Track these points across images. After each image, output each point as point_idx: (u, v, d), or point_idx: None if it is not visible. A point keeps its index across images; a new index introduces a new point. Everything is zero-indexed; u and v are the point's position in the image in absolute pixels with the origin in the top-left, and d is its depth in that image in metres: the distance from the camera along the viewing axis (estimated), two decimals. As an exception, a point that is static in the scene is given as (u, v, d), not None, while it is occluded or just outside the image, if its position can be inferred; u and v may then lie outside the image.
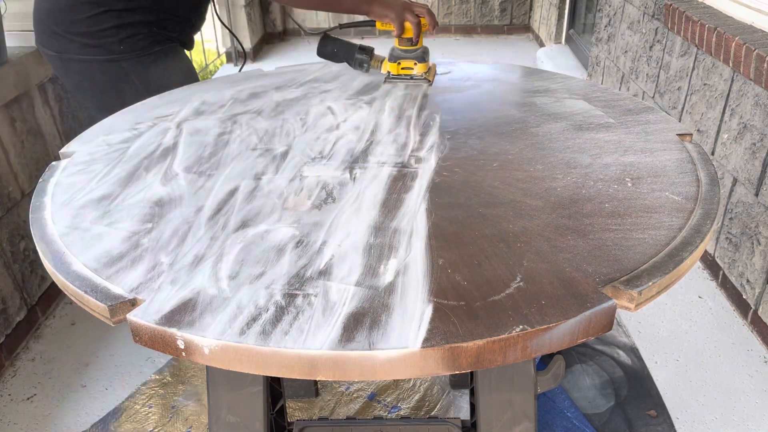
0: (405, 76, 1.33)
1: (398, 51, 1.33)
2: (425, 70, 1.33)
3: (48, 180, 0.98)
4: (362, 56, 1.37)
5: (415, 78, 1.32)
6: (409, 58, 1.32)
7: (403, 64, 1.32)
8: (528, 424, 0.99)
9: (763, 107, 1.75)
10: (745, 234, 1.87)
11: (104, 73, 1.45)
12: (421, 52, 1.32)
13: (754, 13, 1.93)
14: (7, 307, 1.78)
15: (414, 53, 1.32)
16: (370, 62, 1.37)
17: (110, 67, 1.44)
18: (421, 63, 1.32)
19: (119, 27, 1.40)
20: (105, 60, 1.43)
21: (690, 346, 1.80)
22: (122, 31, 1.40)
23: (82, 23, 1.39)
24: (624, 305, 0.69)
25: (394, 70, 1.33)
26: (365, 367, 0.62)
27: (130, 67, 1.44)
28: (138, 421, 1.57)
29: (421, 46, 1.33)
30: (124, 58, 1.43)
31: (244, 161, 1.02)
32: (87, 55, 1.42)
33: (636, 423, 1.53)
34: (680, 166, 0.96)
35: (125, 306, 0.69)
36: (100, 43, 1.41)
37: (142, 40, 1.43)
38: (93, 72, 1.45)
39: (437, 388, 1.64)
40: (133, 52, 1.43)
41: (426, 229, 0.81)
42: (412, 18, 1.29)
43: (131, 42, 1.42)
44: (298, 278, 0.72)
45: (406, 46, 1.32)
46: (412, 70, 1.32)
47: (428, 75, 1.33)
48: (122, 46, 1.41)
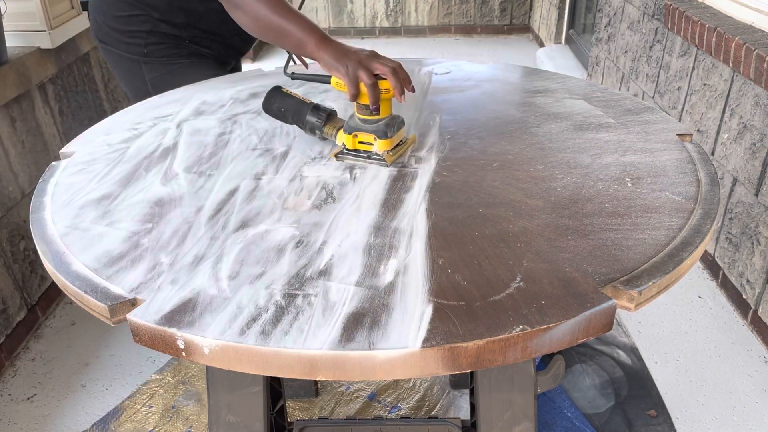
0: (362, 153, 1.02)
1: (356, 119, 1.02)
2: (388, 147, 1.01)
3: (48, 180, 0.98)
4: (314, 119, 1.06)
5: (372, 157, 1.01)
6: (367, 131, 1.00)
7: (360, 137, 1.01)
8: (528, 424, 0.99)
9: (763, 107, 1.75)
10: (745, 234, 1.87)
11: (126, 70, 1.52)
12: (384, 124, 1.00)
13: (754, 13, 1.93)
14: (7, 307, 1.78)
15: (374, 125, 1.00)
16: (323, 128, 1.07)
17: (131, 66, 1.49)
18: (382, 139, 1.00)
19: (149, 33, 1.45)
20: (128, 58, 1.48)
21: (690, 346, 1.80)
22: (150, 37, 1.45)
23: (119, 20, 1.45)
24: (624, 305, 0.69)
25: (349, 144, 1.02)
26: (365, 367, 0.62)
27: (148, 71, 1.49)
28: (138, 421, 1.57)
29: (387, 116, 1.01)
30: (145, 61, 1.48)
31: (244, 161, 1.02)
32: (116, 49, 1.49)
33: (636, 423, 1.53)
34: (680, 166, 0.96)
35: (125, 306, 0.69)
36: (128, 42, 1.46)
37: (168, 50, 1.48)
38: (119, 65, 1.52)
39: (437, 388, 1.64)
40: (154, 58, 1.48)
41: (426, 229, 0.81)
42: (367, 79, 0.96)
43: (156, 49, 1.47)
44: (298, 278, 0.72)
45: (365, 115, 1.01)
46: (371, 146, 1.01)
47: (391, 154, 1.01)
48: (146, 50, 1.46)
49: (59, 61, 2.07)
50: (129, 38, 1.45)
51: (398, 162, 1.01)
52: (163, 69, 1.49)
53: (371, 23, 5.08)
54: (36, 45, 1.94)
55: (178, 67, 1.49)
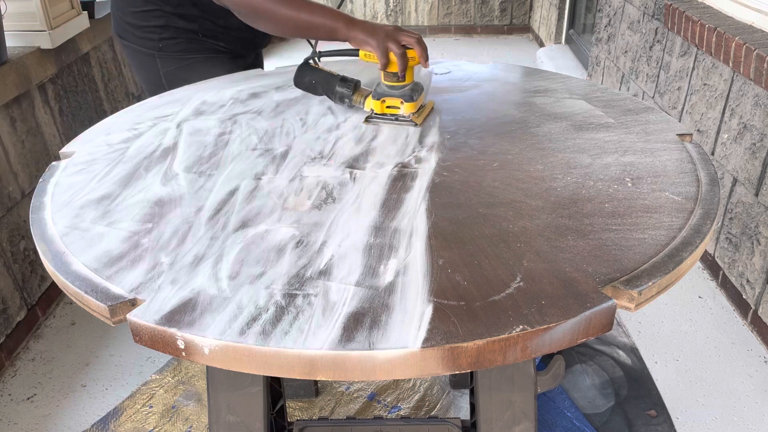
0: (389, 116, 1.15)
1: (383, 86, 1.15)
2: (413, 110, 1.14)
3: (48, 180, 0.98)
4: (343, 89, 1.18)
5: (400, 119, 1.14)
6: (395, 96, 1.13)
7: (388, 102, 1.14)
8: (528, 424, 0.99)
9: (763, 107, 1.75)
10: (745, 234, 1.87)
11: (141, 64, 1.54)
12: (410, 89, 1.13)
13: (754, 13, 1.93)
14: (7, 307, 1.78)
15: (401, 90, 1.13)
16: (352, 97, 1.18)
17: (146, 60, 1.52)
18: (409, 102, 1.13)
19: (163, 27, 1.46)
20: (144, 52, 1.50)
21: (690, 346, 1.80)
22: (165, 32, 1.47)
23: (134, 15, 1.47)
24: (624, 305, 0.69)
25: (378, 109, 1.15)
26: (365, 367, 0.62)
27: (163, 65, 1.51)
28: (138, 421, 1.57)
29: (411, 82, 1.15)
30: (159, 56, 1.50)
31: (244, 161, 1.02)
32: (132, 43, 1.51)
33: (636, 423, 1.53)
34: (680, 166, 0.96)
35: (125, 306, 0.69)
36: (143, 36, 1.48)
37: (182, 44, 1.49)
38: (136, 59, 1.55)
39: (437, 388, 1.64)
40: (168, 53, 1.49)
41: (426, 229, 0.81)
42: (397, 49, 1.10)
43: (170, 44, 1.48)
44: (298, 278, 0.72)
45: (392, 82, 1.13)
46: (397, 110, 1.14)
47: (417, 116, 1.15)
48: (161, 44, 1.48)
49: (59, 61, 2.07)
50: (144, 33, 1.48)
51: (398, 162, 1.01)
52: (177, 64, 1.50)
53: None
54: (36, 45, 1.94)
55: (191, 62, 1.51)
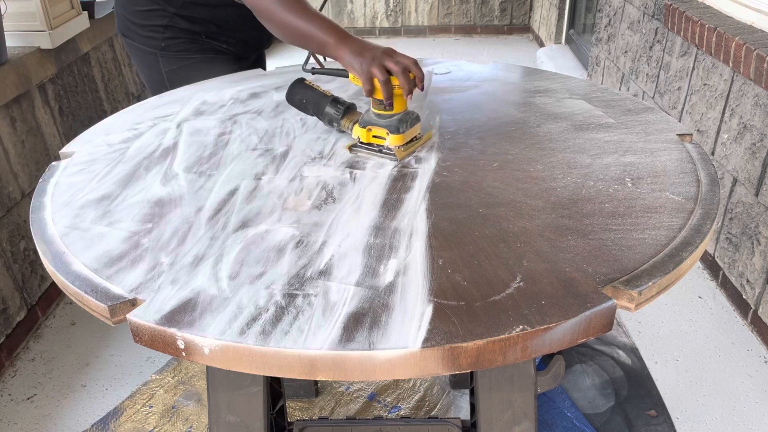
0: (373, 147, 1.05)
1: (371, 114, 1.05)
2: (399, 143, 1.03)
3: (48, 180, 0.98)
4: (333, 111, 1.10)
5: (384, 151, 1.04)
6: (381, 126, 1.03)
7: (374, 131, 1.04)
8: (528, 424, 0.99)
9: (763, 107, 1.75)
10: (745, 234, 1.87)
11: (144, 63, 1.55)
12: (397, 120, 1.02)
13: (754, 13, 1.93)
14: (7, 307, 1.78)
15: (387, 120, 1.03)
16: (340, 121, 1.10)
17: (149, 59, 1.52)
18: (394, 134, 1.02)
19: (166, 27, 1.47)
20: (147, 51, 1.51)
21: (690, 346, 1.80)
22: (167, 32, 1.48)
23: (138, 14, 1.48)
24: (624, 305, 0.69)
25: (364, 137, 1.05)
26: (365, 367, 0.62)
27: (165, 65, 1.51)
28: (138, 421, 1.57)
29: (401, 112, 1.04)
30: (162, 55, 1.50)
31: (244, 161, 1.02)
32: (135, 42, 1.52)
33: (636, 423, 1.53)
34: (680, 166, 0.96)
35: (125, 306, 0.69)
36: (147, 35, 1.49)
37: (184, 44, 1.50)
38: (139, 58, 1.56)
39: (437, 388, 1.64)
40: (171, 52, 1.50)
41: (426, 229, 0.81)
42: (380, 75, 0.99)
43: (172, 43, 1.49)
44: (298, 278, 0.72)
45: (379, 110, 1.04)
46: (383, 140, 1.04)
47: (402, 149, 1.04)
48: (163, 44, 1.49)
49: (59, 61, 2.07)
50: (147, 32, 1.48)
51: (401, 161, 1.01)
52: (178, 63, 1.51)
53: (371, 23, 5.08)
54: (36, 45, 1.94)
55: (193, 61, 1.52)
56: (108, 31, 2.45)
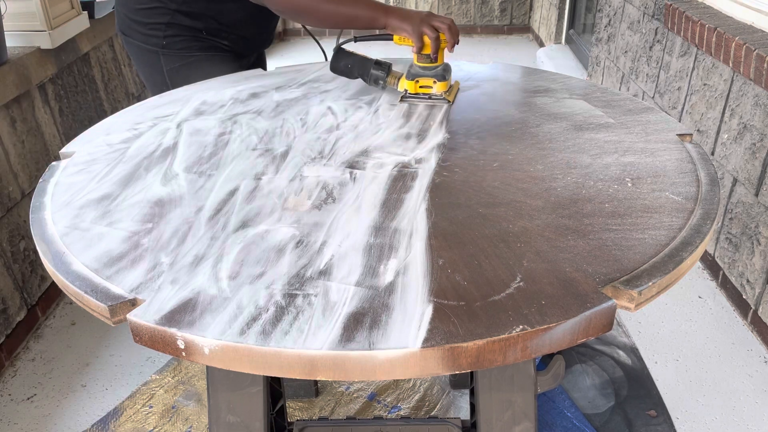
0: (423, 95, 1.24)
1: (417, 68, 1.24)
2: (445, 89, 1.23)
3: (48, 180, 0.98)
4: (378, 72, 1.27)
5: (433, 97, 1.23)
6: (428, 76, 1.22)
7: (422, 82, 1.23)
8: (528, 424, 0.99)
9: (763, 107, 1.75)
10: (745, 234, 1.87)
11: (145, 61, 1.55)
12: (442, 69, 1.23)
13: (754, 13, 1.93)
14: (7, 307, 1.78)
15: (433, 71, 1.22)
16: (386, 79, 1.27)
17: (150, 57, 1.52)
18: (441, 81, 1.22)
19: (168, 25, 1.47)
20: (148, 49, 1.51)
21: (690, 346, 1.80)
22: (169, 29, 1.48)
23: (139, 12, 1.48)
24: (624, 305, 0.69)
25: (412, 89, 1.24)
26: (365, 367, 0.62)
27: (166, 63, 1.51)
28: (138, 421, 1.57)
29: (442, 63, 1.24)
30: (163, 53, 1.50)
31: (244, 161, 1.02)
32: (136, 40, 1.52)
33: (636, 423, 1.53)
34: (680, 166, 0.96)
35: (125, 306, 0.69)
36: (147, 33, 1.49)
37: (185, 42, 1.50)
38: (139, 56, 1.56)
39: (437, 388, 1.64)
40: (172, 50, 1.50)
41: (426, 229, 0.81)
42: (431, 32, 1.19)
43: (174, 41, 1.49)
44: (298, 278, 0.72)
45: (425, 63, 1.23)
46: (431, 89, 1.23)
47: (448, 94, 1.23)
48: (164, 42, 1.49)
49: (59, 61, 2.07)
50: (148, 30, 1.49)
51: (398, 162, 1.01)
52: (180, 61, 1.51)
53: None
54: (36, 45, 1.94)
55: (194, 59, 1.52)
56: (108, 31, 2.45)
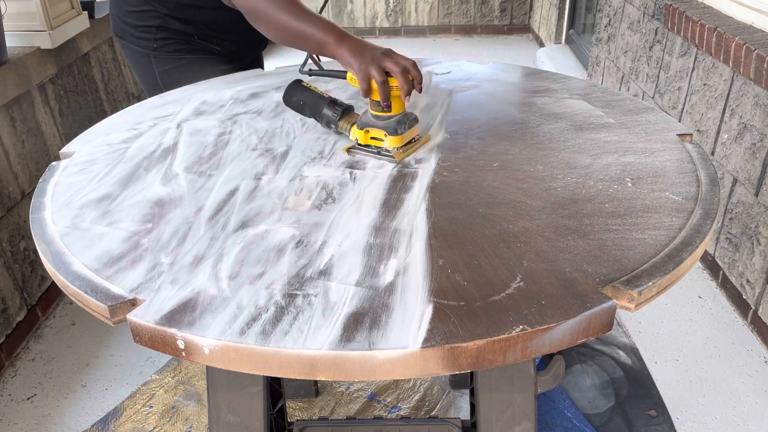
0: (372, 149, 1.04)
1: (369, 115, 1.04)
2: (397, 144, 1.02)
3: (48, 180, 0.98)
4: (330, 113, 1.08)
5: (382, 153, 1.03)
6: (379, 127, 1.02)
7: (372, 132, 1.03)
8: (528, 424, 0.99)
9: (763, 107, 1.75)
10: (745, 234, 1.87)
11: (138, 63, 1.55)
12: (395, 121, 1.01)
13: (754, 13, 1.93)
14: (7, 307, 1.78)
15: (385, 121, 1.01)
16: (338, 122, 1.08)
17: (142, 60, 1.52)
18: (392, 135, 1.01)
19: (159, 28, 1.47)
20: (140, 52, 1.51)
21: (690, 346, 1.80)
22: (160, 33, 1.48)
23: (131, 14, 1.48)
24: (624, 305, 0.69)
25: (362, 139, 1.04)
26: (365, 367, 0.62)
27: (158, 65, 1.51)
28: (138, 421, 1.57)
29: (399, 113, 1.02)
30: (154, 56, 1.50)
31: (244, 161, 1.02)
32: (129, 43, 1.52)
33: (636, 423, 1.53)
34: (680, 167, 0.96)
35: (125, 306, 0.69)
36: (139, 36, 1.49)
37: (176, 45, 1.50)
38: (133, 59, 1.56)
39: (437, 388, 1.64)
40: (163, 53, 1.50)
41: (426, 229, 0.81)
42: (378, 76, 0.98)
43: (165, 44, 1.49)
44: (298, 278, 0.72)
45: (377, 111, 1.02)
46: (381, 142, 1.03)
47: (401, 152, 1.03)
48: (155, 45, 1.49)
49: (59, 61, 2.07)
50: (140, 33, 1.48)
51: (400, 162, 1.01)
52: (171, 64, 1.51)
53: (371, 23, 5.08)
54: (36, 45, 1.94)
55: (186, 62, 1.51)
56: (108, 31, 2.45)
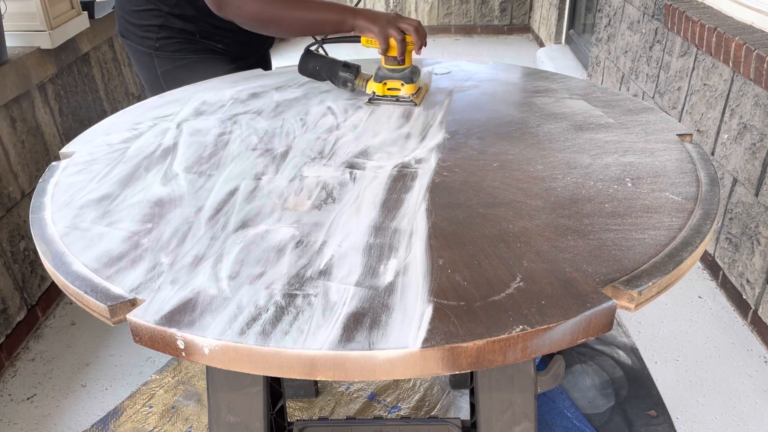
0: (391, 98, 1.23)
1: (384, 70, 1.23)
2: (413, 91, 1.23)
3: (48, 180, 0.98)
4: (346, 74, 1.26)
5: (401, 99, 1.23)
6: (396, 78, 1.22)
7: (389, 84, 1.22)
8: (528, 424, 0.99)
9: (763, 107, 1.75)
10: (745, 234, 1.87)
11: (141, 63, 1.56)
12: (409, 71, 1.22)
13: (754, 13, 1.93)
14: (7, 307, 1.78)
15: (401, 73, 1.22)
16: (354, 81, 1.26)
17: (145, 59, 1.53)
18: (409, 84, 1.22)
19: (161, 27, 1.48)
20: (143, 51, 1.52)
21: (690, 346, 1.80)
22: (162, 32, 1.48)
23: (134, 14, 1.49)
24: (624, 305, 0.69)
25: (380, 91, 1.23)
26: (365, 367, 0.62)
27: (160, 65, 1.52)
28: (138, 421, 1.57)
29: (410, 66, 1.24)
30: (156, 55, 1.51)
31: (244, 161, 1.02)
32: (133, 42, 1.53)
33: (636, 423, 1.53)
34: (680, 167, 0.96)
35: (125, 306, 0.69)
36: (142, 35, 1.50)
37: (178, 44, 1.50)
38: (136, 58, 1.57)
39: (437, 388, 1.64)
40: (165, 52, 1.51)
41: (426, 229, 0.81)
42: (397, 34, 1.19)
43: (167, 43, 1.50)
44: (298, 278, 0.72)
45: (393, 65, 1.22)
46: (398, 91, 1.22)
47: (416, 96, 1.23)
48: (158, 44, 1.50)
49: (59, 61, 2.07)
50: (143, 32, 1.49)
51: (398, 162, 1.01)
52: (173, 63, 1.51)
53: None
54: (36, 45, 1.94)
55: (188, 62, 1.52)
56: (108, 31, 2.45)
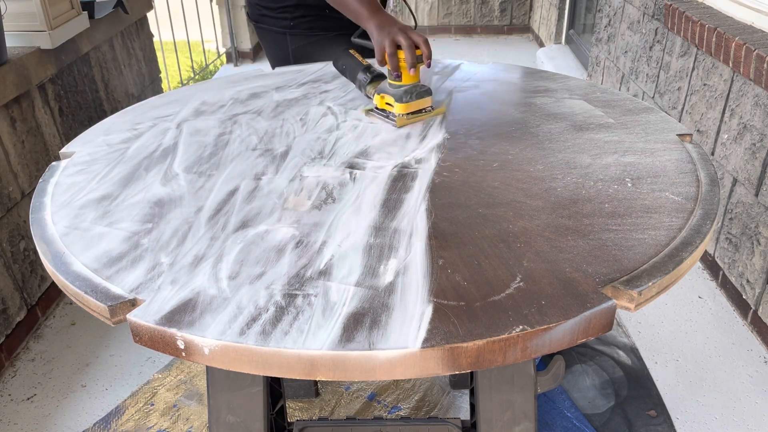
0: (383, 113, 1.17)
1: (385, 83, 1.18)
2: (402, 112, 1.14)
3: (48, 180, 0.98)
4: (362, 77, 1.23)
5: (390, 117, 1.16)
6: (390, 94, 1.15)
7: (386, 99, 1.16)
8: (528, 424, 0.99)
9: (763, 107, 1.75)
10: (745, 234, 1.87)
11: (273, 42, 1.66)
12: (404, 91, 1.13)
13: (754, 13, 1.93)
14: (7, 307, 1.78)
15: (395, 90, 1.14)
16: (367, 86, 1.23)
17: (278, 38, 1.63)
18: (399, 103, 1.13)
19: (295, 7, 1.58)
20: (276, 32, 1.62)
21: (690, 346, 1.80)
22: (296, 11, 1.58)
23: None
24: (624, 305, 0.69)
25: (379, 103, 1.18)
26: (365, 367, 0.62)
27: (292, 42, 1.61)
28: (139, 420, 1.57)
29: (411, 84, 1.14)
30: (290, 33, 1.60)
31: (244, 161, 1.02)
32: (267, 25, 1.63)
33: (636, 423, 1.53)
34: (680, 167, 0.96)
35: (125, 306, 0.69)
36: (277, 17, 1.61)
37: (311, 22, 1.60)
38: (268, 39, 1.67)
39: (437, 388, 1.64)
40: (299, 30, 1.59)
41: (426, 229, 0.81)
42: (388, 47, 1.11)
43: (301, 21, 1.60)
44: (298, 278, 0.72)
45: (392, 80, 1.15)
46: (391, 107, 1.15)
47: (402, 118, 1.14)
48: (292, 23, 1.58)
49: (59, 61, 2.07)
50: (278, 14, 1.59)
51: (398, 162, 1.01)
52: (305, 40, 1.61)
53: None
54: (36, 45, 1.94)
55: (317, 39, 1.61)
56: (108, 31, 2.45)
